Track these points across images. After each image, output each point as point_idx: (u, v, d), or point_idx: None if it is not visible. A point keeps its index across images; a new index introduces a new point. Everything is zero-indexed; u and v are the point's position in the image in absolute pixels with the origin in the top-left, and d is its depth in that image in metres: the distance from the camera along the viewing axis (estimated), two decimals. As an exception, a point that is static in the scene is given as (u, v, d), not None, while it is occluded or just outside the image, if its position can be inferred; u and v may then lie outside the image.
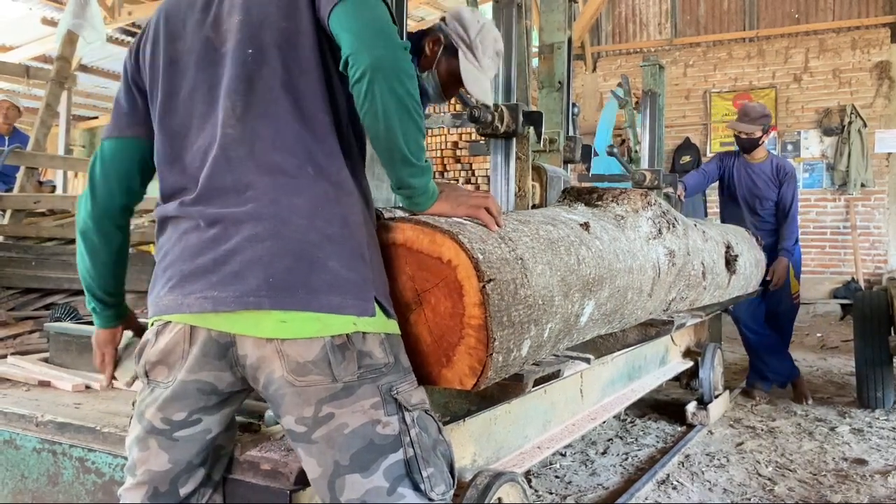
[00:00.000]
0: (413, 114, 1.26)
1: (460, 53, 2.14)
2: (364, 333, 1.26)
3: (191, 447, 1.37)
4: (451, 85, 2.17)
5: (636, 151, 5.79)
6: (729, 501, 2.92)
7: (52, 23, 7.63)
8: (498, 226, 1.54)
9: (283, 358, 1.24)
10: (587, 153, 3.41)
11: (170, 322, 1.33)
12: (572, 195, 2.41)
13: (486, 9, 5.68)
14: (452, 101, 4.04)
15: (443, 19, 2.23)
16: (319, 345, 1.23)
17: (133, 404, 1.43)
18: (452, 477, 1.34)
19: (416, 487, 1.26)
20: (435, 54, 2.11)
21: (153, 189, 1.49)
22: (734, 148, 4.80)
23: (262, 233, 1.24)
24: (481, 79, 2.16)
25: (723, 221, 4.62)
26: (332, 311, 1.23)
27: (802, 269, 4.87)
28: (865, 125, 9.17)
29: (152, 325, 1.37)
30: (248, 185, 1.27)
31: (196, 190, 1.31)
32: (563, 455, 3.42)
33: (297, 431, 1.27)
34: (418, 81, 2.26)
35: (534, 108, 2.53)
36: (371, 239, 1.35)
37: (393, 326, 1.33)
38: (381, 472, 1.24)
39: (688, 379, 4.12)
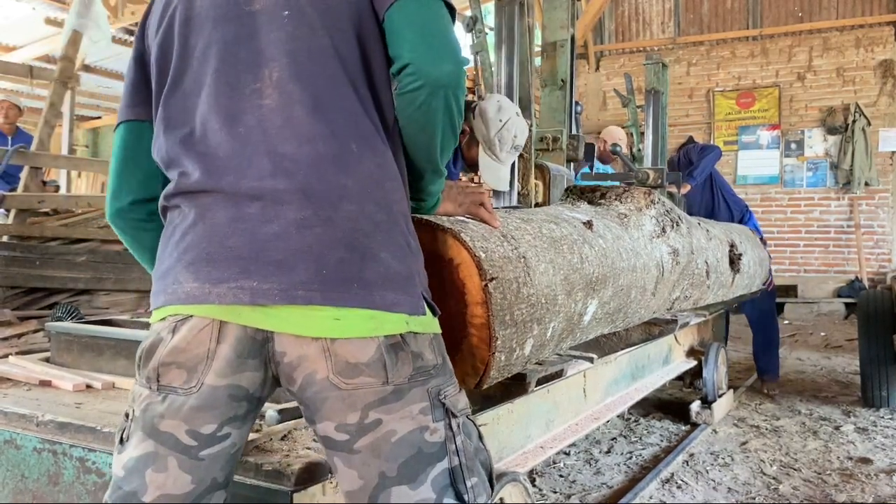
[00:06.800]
0: (457, 128, 1.24)
1: (480, 147, 2.54)
2: (415, 333, 1.15)
3: (216, 465, 1.18)
4: (473, 160, 2.54)
5: (639, 150, 5.79)
6: (733, 500, 2.91)
7: (56, 23, 7.64)
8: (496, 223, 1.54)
9: (331, 358, 1.10)
10: (590, 152, 3.41)
11: (191, 316, 1.13)
12: (575, 194, 2.40)
13: (489, 7, 5.67)
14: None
15: (473, 107, 2.61)
16: (374, 345, 1.10)
17: (126, 415, 1.21)
18: (492, 486, 1.25)
19: (460, 498, 1.15)
20: (463, 137, 2.45)
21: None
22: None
23: (311, 217, 1.10)
24: (496, 168, 2.54)
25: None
26: (386, 309, 1.11)
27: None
28: (869, 123, 9.14)
29: (163, 318, 1.16)
30: (286, 156, 1.13)
31: (218, 161, 1.15)
32: (568, 454, 3.41)
33: (337, 440, 1.13)
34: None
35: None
36: (412, 227, 1.24)
37: (438, 325, 1.22)
38: (429, 483, 1.12)
39: (691, 378, 4.10)
